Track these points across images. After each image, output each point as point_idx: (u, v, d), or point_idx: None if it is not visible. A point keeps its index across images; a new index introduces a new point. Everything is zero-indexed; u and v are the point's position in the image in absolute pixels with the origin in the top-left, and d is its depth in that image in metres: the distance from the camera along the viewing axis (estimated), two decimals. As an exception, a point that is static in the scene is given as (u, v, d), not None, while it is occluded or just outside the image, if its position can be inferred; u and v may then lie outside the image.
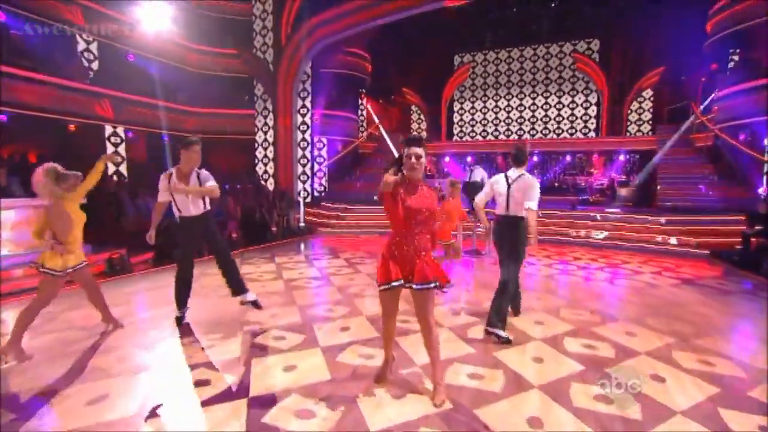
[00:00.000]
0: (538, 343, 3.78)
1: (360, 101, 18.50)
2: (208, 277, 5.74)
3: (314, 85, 13.73)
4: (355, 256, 7.96)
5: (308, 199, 13.54)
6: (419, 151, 2.67)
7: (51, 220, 3.48)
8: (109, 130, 11.44)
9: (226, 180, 12.76)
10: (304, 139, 13.53)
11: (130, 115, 11.84)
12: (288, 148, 13.45)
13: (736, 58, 12.16)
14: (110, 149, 11.29)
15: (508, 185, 3.87)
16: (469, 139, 20.15)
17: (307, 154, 13.58)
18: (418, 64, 19.86)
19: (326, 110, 15.11)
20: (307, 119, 13.47)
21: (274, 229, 10.02)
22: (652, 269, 7.05)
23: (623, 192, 13.99)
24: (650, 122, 16.92)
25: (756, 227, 7.72)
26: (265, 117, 13.81)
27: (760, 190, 10.56)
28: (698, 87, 15.65)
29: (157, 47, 12.29)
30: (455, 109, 20.69)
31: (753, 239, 7.54)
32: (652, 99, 17.04)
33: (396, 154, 3.12)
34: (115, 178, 10.80)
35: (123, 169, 11.43)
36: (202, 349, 3.62)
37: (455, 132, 20.62)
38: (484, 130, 20.13)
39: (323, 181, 15.36)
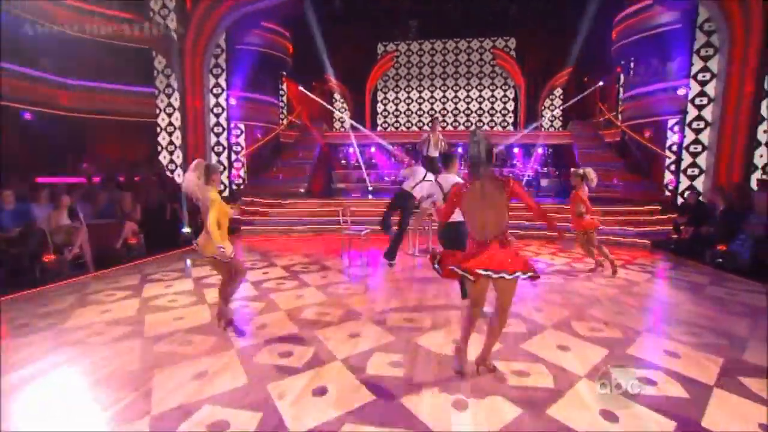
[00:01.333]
0: (588, 384, 2.77)
1: (281, 85, 16.44)
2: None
3: (230, 63, 11.50)
4: (295, 262, 6.40)
5: (225, 193, 11.40)
6: None
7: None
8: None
9: (121, 170, 10.12)
10: (218, 124, 11.29)
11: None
12: (199, 134, 11.11)
13: (638, 62, 12.77)
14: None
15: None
16: (393, 129, 19.24)
17: (223, 141, 11.38)
18: (342, 49, 18.30)
19: (244, 92, 12.92)
20: (222, 101, 11.24)
21: (187, 230, 7.94)
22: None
23: (545, 183, 14.21)
24: (561, 119, 17.58)
25: (683, 216, 7.84)
26: (169, 96, 11.25)
27: (666, 181, 11.15)
28: (600, 88, 16.64)
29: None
30: (379, 98, 19.59)
31: (683, 228, 7.64)
32: (561, 97, 17.70)
33: (320, 143, 2.04)
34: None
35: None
36: None
37: (379, 122, 19.55)
38: (408, 121, 19.36)
39: (242, 173, 13.21)
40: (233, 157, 12.75)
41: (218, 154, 11.37)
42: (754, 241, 6.23)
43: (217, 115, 11.23)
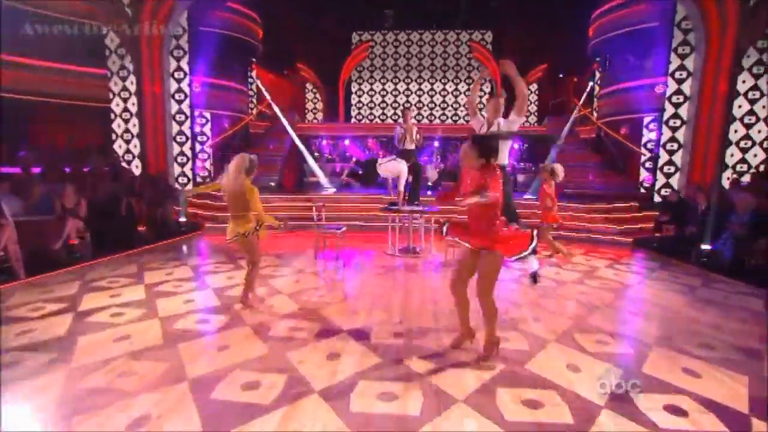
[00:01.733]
0: (612, 417, 2.35)
1: (250, 72, 15.47)
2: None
3: (194, 46, 10.52)
4: (264, 265, 5.72)
5: (188, 186, 10.50)
6: None
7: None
8: None
9: (67, 160, 9.06)
10: (181, 112, 10.33)
11: None
12: (159, 121, 10.13)
13: (614, 59, 12.69)
14: None
15: None
16: (368, 121, 18.60)
17: (186, 130, 10.44)
18: (315, 37, 17.48)
19: (210, 78, 11.95)
20: (185, 86, 10.28)
21: (142, 228, 7.11)
22: (602, 262, 6.42)
23: (522, 178, 14.01)
24: (536, 114, 17.49)
25: (664, 214, 7.72)
26: (124, 80, 10.17)
27: (642, 178, 11.14)
28: (575, 84, 16.66)
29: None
30: (353, 89, 18.89)
31: (665, 226, 7.51)
32: (536, 92, 17.61)
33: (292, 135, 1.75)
34: None
35: None
36: None
37: (353, 114, 18.86)
38: (383, 113, 18.77)
39: (207, 165, 12.26)
40: (198, 147, 11.83)
41: (181, 144, 10.43)
42: (735, 240, 6.13)
43: (179, 102, 10.27)
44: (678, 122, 9.42)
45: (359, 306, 4.19)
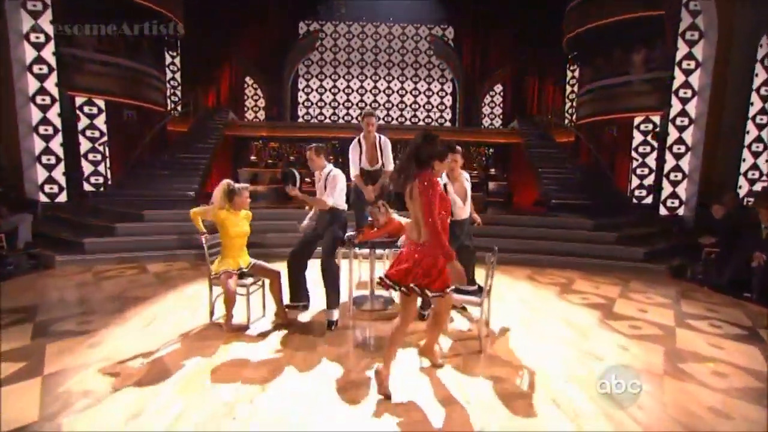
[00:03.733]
0: None
1: (171, 56, 12.27)
2: None
3: (67, 1, 7.35)
4: (131, 343, 2.95)
5: (61, 198, 7.28)
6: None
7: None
8: None
9: None
10: (45, 92, 7.10)
11: None
12: (11, 103, 6.85)
13: (596, 53, 11.00)
14: None
15: None
16: (317, 122, 15.86)
17: (54, 119, 7.20)
18: (255, 24, 14.55)
19: (102, 54, 8.73)
20: (50, 56, 7.06)
21: None
22: (629, 301, 4.32)
23: (494, 186, 11.99)
24: (501, 117, 15.69)
25: (706, 236, 5.80)
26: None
27: (633, 187, 9.42)
28: (538, 85, 15.08)
29: None
30: (300, 86, 16.09)
31: (710, 251, 5.57)
32: (501, 94, 15.84)
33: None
34: None
35: None
36: None
37: (300, 114, 16.06)
38: (334, 113, 16.13)
39: (102, 169, 8.96)
40: (86, 146, 8.55)
41: (46, 139, 7.17)
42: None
43: (41, 78, 7.03)
44: (686, 120, 7.70)
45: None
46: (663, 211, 7.92)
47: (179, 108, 12.45)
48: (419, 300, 2.72)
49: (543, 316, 4.06)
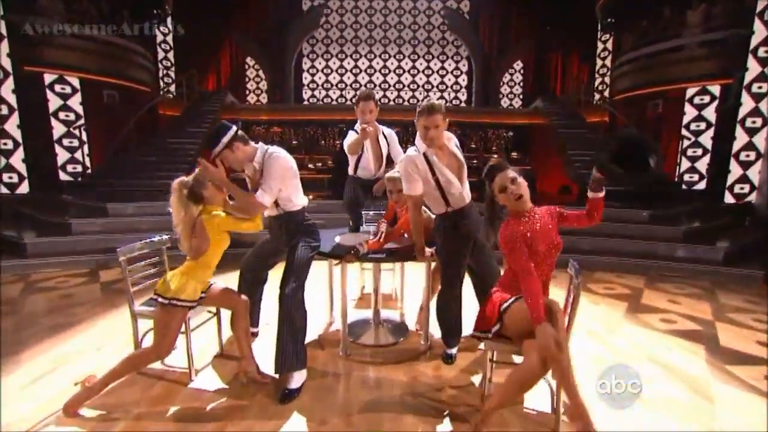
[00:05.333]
0: None
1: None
2: None
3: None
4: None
5: (23, 189, 6.14)
6: None
7: None
8: None
9: None
10: (-4, 65, 5.92)
11: None
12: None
13: (639, 16, 9.32)
14: None
15: None
16: (322, 104, 14.47)
17: (8, 96, 6.02)
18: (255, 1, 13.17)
19: (72, 25, 7.49)
20: None
21: None
22: (733, 327, 2.96)
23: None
24: (521, 96, 14.07)
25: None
26: None
27: (682, 171, 7.88)
28: (562, 60, 13.40)
29: None
30: (304, 66, 14.68)
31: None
32: (521, 72, 14.18)
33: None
34: None
35: None
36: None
37: (305, 96, 14.68)
38: (341, 95, 14.71)
39: (81, 156, 7.82)
40: (60, 130, 7.41)
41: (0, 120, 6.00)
42: None
43: (-14, 47, 5.83)
44: (764, 86, 6.13)
45: None
46: (729, 198, 6.41)
47: (172, 89, 11.23)
48: None
49: (622, 355, 2.73)
